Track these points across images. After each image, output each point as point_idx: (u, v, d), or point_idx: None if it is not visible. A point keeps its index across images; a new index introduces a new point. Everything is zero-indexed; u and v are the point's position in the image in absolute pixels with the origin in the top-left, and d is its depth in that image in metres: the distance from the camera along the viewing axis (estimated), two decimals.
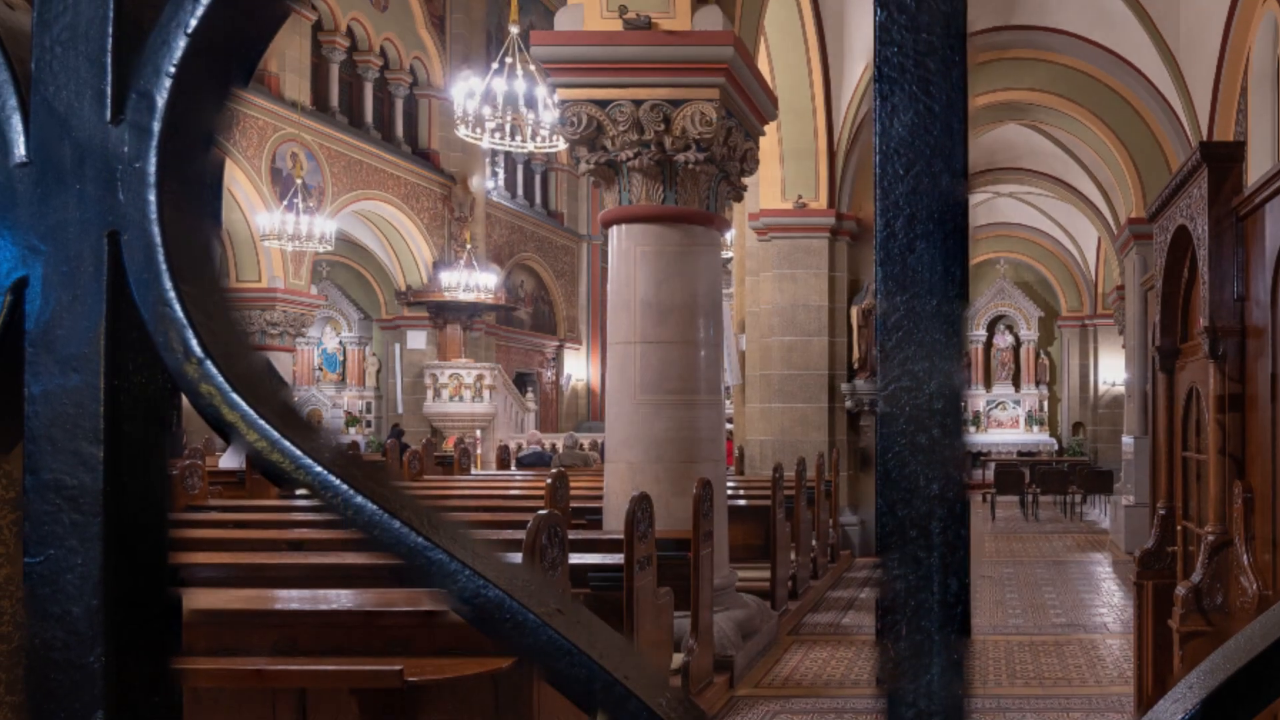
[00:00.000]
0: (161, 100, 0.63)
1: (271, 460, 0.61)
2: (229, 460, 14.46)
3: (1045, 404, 31.34)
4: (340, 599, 5.46)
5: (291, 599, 5.50)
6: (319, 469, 0.60)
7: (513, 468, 18.47)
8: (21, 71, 0.64)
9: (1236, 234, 4.74)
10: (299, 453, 0.60)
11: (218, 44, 0.64)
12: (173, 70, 0.63)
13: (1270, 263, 4.35)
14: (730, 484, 12.10)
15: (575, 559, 6.62)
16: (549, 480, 10.17)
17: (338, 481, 0.60)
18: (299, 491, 0.62)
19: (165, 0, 0.63)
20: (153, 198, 0.63)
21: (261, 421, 0.61)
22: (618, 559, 6.98)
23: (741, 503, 11.95)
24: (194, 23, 0.62)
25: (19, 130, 0.64)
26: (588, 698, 0.57)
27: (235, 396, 0.61)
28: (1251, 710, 0.56)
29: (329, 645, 5.15)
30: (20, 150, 0.64)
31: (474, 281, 26.08)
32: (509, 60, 19.43)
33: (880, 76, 0.55)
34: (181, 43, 0.62)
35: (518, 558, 4.72)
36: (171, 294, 0.62)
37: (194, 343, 0.62)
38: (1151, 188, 15.74)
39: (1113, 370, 29.04)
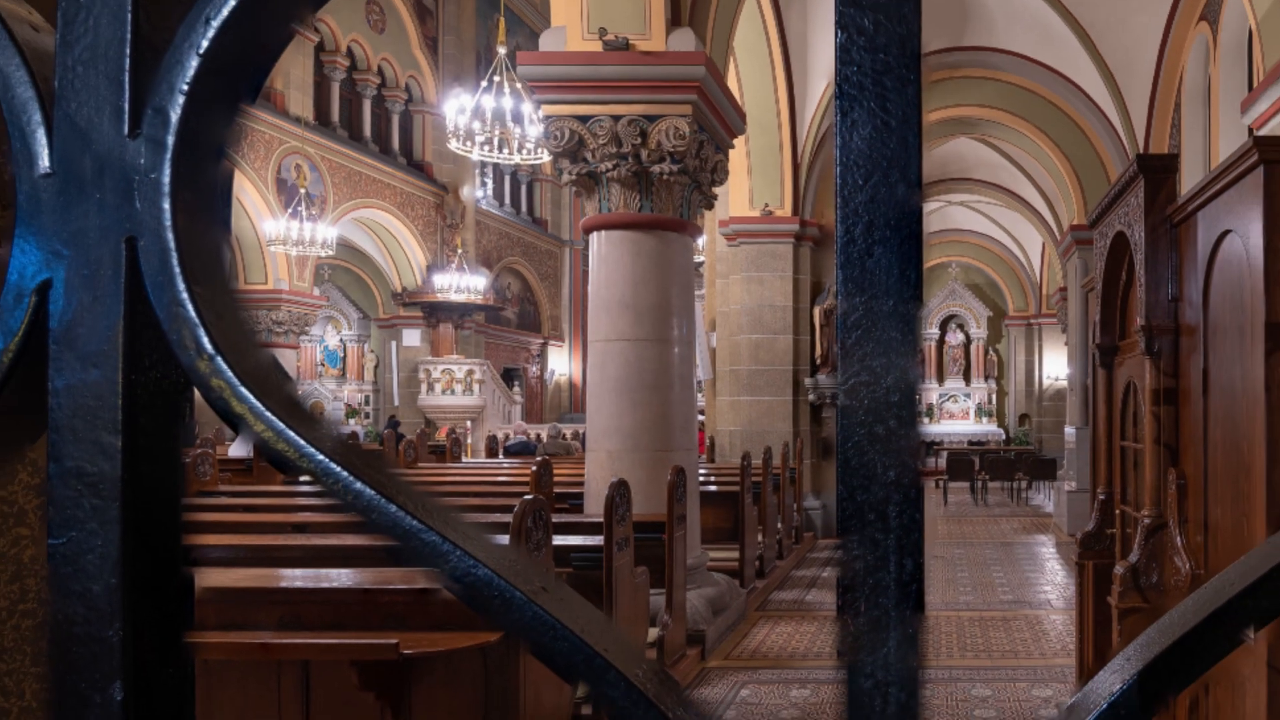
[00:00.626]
0: (175, 115, 0.63)
1: (277, 449, 0.61)
2: (237, 449, 14.39)
3: (994, 397, 31.46)
4: (341, 578, 5.45)
5: (295, 578, 5.49)
6: (321, 457, 0.60)
7: (500, 456, 18.46)
8: (45, 89, 0.64)
9: (1171, 240, 4.76)
10: (302, 442, 0.60)
11: (228, 63, 0.64)
12: (186, 88, 0.63)
13: (1202, 266, 4.37)
14: (702, 471, 12.11)
15: (558, 540, 6.63)
16: (534, 468, 10.17)
17: (338, 469, 0.60)
18: (302, 478, 0.62)
19: (179, 23, 0.63)
20: (167, 206, 0.63)
21: (268, 413, 0.61)
22: (598, 541, 6.98)
23: (712, 488, 11.95)
24: (206, 44, 0.62)
25: (43, 144, 0.64)
26: (570, 669, 0.58)
27: (243, 390, 0.61)
28: (1184, 680, 0.56)
29: (330, 621, 5.14)
30: (44, 162, 0.64)
31: (464, 284, 26.06)
32: (497, 79, 19.44)
33: (841, 93, 0.55)
34: (194, 62, 0.62)
35: (505, 539, 4.72)
36: (184, 295, 0.62)
37: (205, 340, 0.62)
38: (1092, 197, 15.82)
39: (1056, 366, 29.21)
